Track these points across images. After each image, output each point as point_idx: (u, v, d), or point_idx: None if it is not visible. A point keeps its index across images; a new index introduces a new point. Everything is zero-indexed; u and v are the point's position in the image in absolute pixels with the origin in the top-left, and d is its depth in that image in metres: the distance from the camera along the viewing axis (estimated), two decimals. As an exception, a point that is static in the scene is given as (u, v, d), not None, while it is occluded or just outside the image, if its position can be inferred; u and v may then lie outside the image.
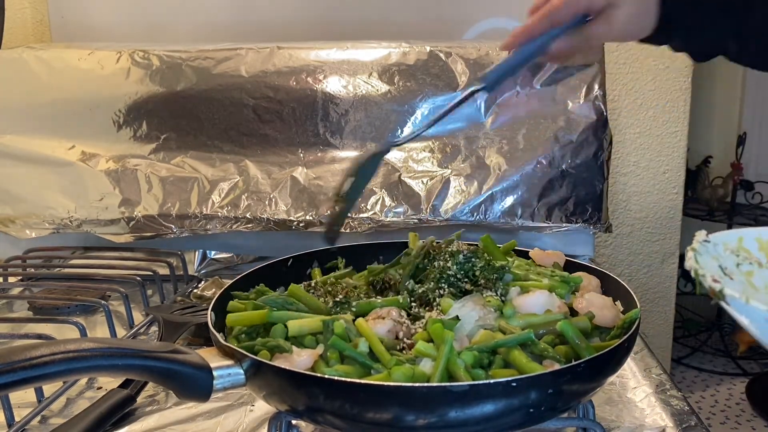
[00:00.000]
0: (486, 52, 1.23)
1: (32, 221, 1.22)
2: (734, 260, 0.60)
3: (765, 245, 0.61)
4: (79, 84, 1.28)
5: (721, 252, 0.59)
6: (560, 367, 0.61)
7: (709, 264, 0.57)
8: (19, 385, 0.51)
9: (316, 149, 1.23)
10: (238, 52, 1.26)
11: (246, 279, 0.82)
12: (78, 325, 0.89)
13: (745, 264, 0.60)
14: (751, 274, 0.60)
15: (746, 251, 0.61)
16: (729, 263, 0.59)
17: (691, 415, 0.76)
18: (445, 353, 0.61)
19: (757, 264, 0.60)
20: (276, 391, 0.62)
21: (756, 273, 0.60)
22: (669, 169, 1.51)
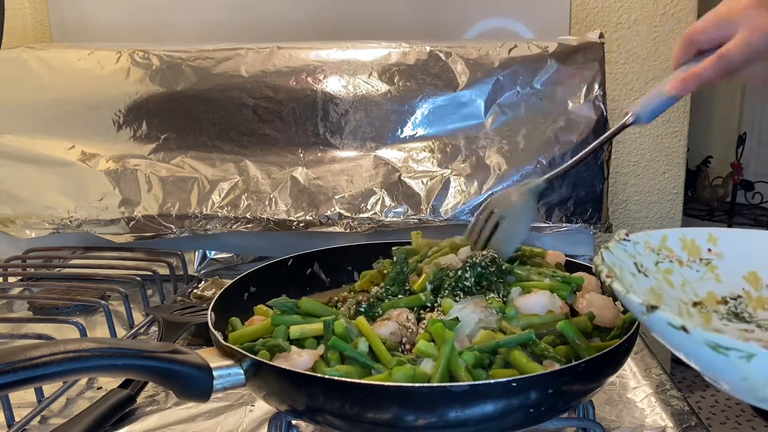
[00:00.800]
0: (486, 52, 1.23)
1: (32, 221, 1.22)
2: (654, 258, 0.63)
3: (688, 244, 0.64)
4: (79, 84, 1.28)
5: (641, 250, 0.62)
6: (560, 367, 0.61)
7: (623, 260, 0.60)
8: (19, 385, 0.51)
9: (316, 149, 1.23)
10: (238, 52, 1.26)
11: (246, 279, 0.82)
12: (78, 325, 0.89)
13: (665, 262, 0.63)
14: (670, 272, 0.63)
15: (668, 250, 0.64)
16: (647, 261, 0.62)
17: (691, 415, 0.76)
18: (446, 353, 0.61)
19: (677, 262, 0.63)
20: (276, 391, 0.62)
21: (675, 271, 0.63)
22: (669, 169, 1.51)
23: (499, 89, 1.21)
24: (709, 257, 0.64)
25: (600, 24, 1.44)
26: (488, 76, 1.21)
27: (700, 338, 0.46)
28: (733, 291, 0.64)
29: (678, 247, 0.64)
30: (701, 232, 0.65)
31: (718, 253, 0.64)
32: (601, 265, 0.58)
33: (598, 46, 1.23)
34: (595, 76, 1.21)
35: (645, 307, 0.49)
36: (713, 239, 0.64)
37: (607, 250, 0.61)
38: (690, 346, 0.48)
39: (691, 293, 0.64)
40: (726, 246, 0.64)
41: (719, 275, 0.64)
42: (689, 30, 0.78)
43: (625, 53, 1.47)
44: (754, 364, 0.45)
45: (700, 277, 0.64)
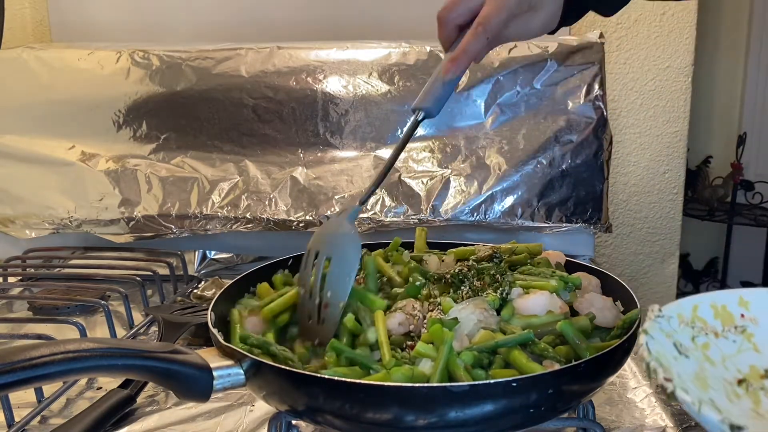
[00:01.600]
0: (486, 52, 1.23)
1: (32, 221, 1.22)
2: (690, 333, 0.58)
3: (720, 312, 0.59)
4: (79, 84, 1.28)
5: (675, 327, 0.57)
6: (560, 367, 0.61)
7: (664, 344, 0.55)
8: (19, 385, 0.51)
9: (316, 149, 1.23)
10: (238, 52, 1.26)
11: (246, 279, 0.82)
12: (78, 325, 0.89)
13: (701, 336, 0.58)
14: (707, 347, 0.58)
15: (702, 321, 0.59)
16: (684, 338, 0.57)
17: (691, 415, 0.76)
18: (444, 353, 0.61)
19: (713, 334, 0.58)
20: (276, 391, 0.62)
21: (712, 345, 0.58)
22: (669, 169, 1.51)
23: (499, 89, 1.21)
24: (744, 324, 0.59)
25: (600, 24, 1.44)
26: (488, 76, 1.21)
27: None
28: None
29: (710, 316, 0.60)
30: (731, 296, 0.61)
31: (752, 318, 0.60)
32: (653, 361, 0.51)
33: (598, 46, 1.23)
34: (594, 76, 1.21)
35: (728, 426, 0.44)
36: (744, 303, 0.60)
37: (647, 335, 0.55)
38: None
39: (733, 370, 0.59)
40: (758, 309, 0.60)
41: (756, 344, 0.59)
42: (439, 12, 0.79)
43: (625, 53, 1.47)
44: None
45: (737, 349, 0.59)
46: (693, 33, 1.45)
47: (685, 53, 1.46)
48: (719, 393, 0.54)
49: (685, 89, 1.48)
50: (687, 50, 1.46)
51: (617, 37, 1.45)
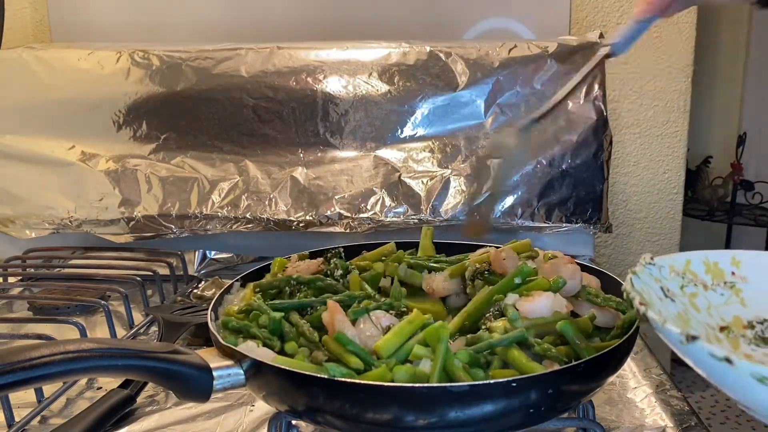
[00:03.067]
0: (486, 52, 1.23)
1: (32, 221, 1.22)
2: (679, 282, 0.62)
3: (711, 267, 0.64)
4: (79, 84, 1.28)
5: (666, 274, 0.62)
6: (560, 367, 0.61)
7: (651, 285, 0.60)
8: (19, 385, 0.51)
9: (316, 149, 1.23)
10: (238, 52, 1.26)
11: (246, 279, 0.82)
12: (78, 325, 0.89)
13: (689, 286, 0.63)
14: (695, 296, 0.62)
15: (693, 273, 0.64)
16: (673, 285, 0.61)
17: (691, 415, 0.76)
18: (441, 353, 0.61)
19: (702, 286, 0.63)
20: (276, 392, 0.62)
21: (700, 295, 0.63)
22: (669, 169, 1.51)
23: (499, 89, 1.21)
24: (733, 280, 0.64)
25: (600, 24, 1.44)
26: (488, 76, 1.21)
27: (745, 370, 0.46)
28: (759, 315, 0.64)
29: (702, 271, 0.64)
30: (724, 255, 0.65)
31: (742, 276, 0.64)
32: (633, 291, 0.57)
33: (598, 46, 1.23)
34: (595, 76, 1.21)
35: (684, 337, 0.48)
36: (736, 262, 0.64)
37: (635, 275, 0.60)
38: (733, 377, 0.47)
39: (717, 318, 0.63)
40: (749, 269, 0.64)
41: (744, 299, 0.64)
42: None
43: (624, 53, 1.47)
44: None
45: (724, 301, 0.64)
46: (693, 33, 1.45)
47: (685, 53, 1.46)
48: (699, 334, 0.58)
49: (685, 89, 1.48)
50: (687, 50, 1.46)
51: (617, 37, 1.45)
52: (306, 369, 0.62)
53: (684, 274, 0.63)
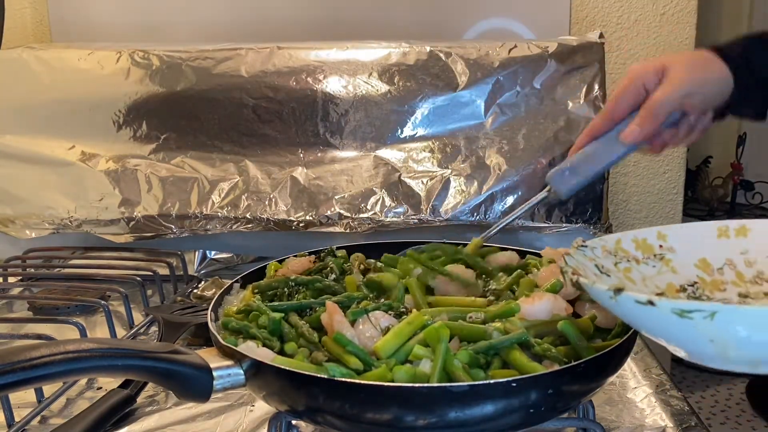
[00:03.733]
0: (486, 52, 1.23)
1: (32, 221, 1.22)
2: (612, 260, 0.68)
3: (641, 244, 0.69)
4: (79, 84, 1.28)
5: (599, 254, 0.67)
6: (560, 367, 0.61)
7: (585, 264, 0.65)
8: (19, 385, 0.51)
9: (316, 149, 1.23)
10: (238, 52, 1.26)
11: (245, 279, 0.82)
12: (78, 325, 0.89)
13: (623, 262, 0.68)
14: (629, 270, 0.68)
15: (624, 251, 0.69)
16: (607, 263, 0.67)
17: (691, 415, 0.76)
18: (441, 353, 0.61)
19: (634, 261, 0.68)
20: (276, 392, 0.62)
21: (633, 269, 0.68)
22: (669, 169, 1.51)
23: (499, 89, 1.21)
24: (662, 252, 0.69)
25: (600, 24, 1.44)
26: (488, 76, 1.21)
27: (666, 308, 0.49)
28: (689, 279, 0.69)
29: (632, 248, 0.68)
30: (650, 232, 0.70)
31: (670, 247, 0.69)
32: (566, 266, 0.62)
33: (598, 46, 1.23)
34: (594, 76, 1.21)
35: (612, 291, 0.52)
36: (662, 236, 0.69)
37: (568, 255, 0.65)
38: (658, 319, 0.51)
39: (652, 286, 0.68)
40: (675, 240, 0.69)
41: (674, 267, 0.69)
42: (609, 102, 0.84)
43: (625, 53, 1.47)
44: (717, 321, 0.47)
45: (657, 272, 0.69)
46: (693, 33, 1.45)
47: (685, 53, 1.46)
48: None
49: (685, 89, 1.48)
50: (687, 50, 1.46)
51: (617, 37, 1.45)
52: (306, 369, 0.62)
53: (616, 252, 0.68)
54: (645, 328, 0.55)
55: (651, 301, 0.50)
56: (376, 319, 0.68)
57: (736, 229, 0.67)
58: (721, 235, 0.67)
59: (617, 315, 0.56)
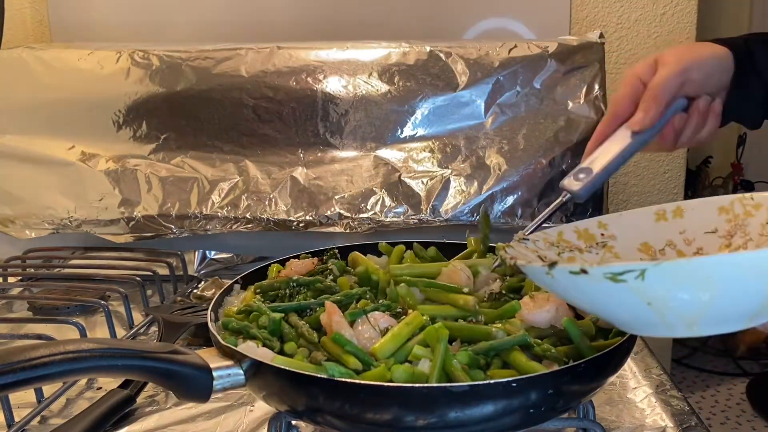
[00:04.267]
0: (486, 52, 1.23)
1: (32, 221, 1.22)
2: (556, 251, 0.68)
3: (583, 234, 0.70)
4: (79, 84, 1.28)
5: (542, 246, 0.68)
6: (560, 367, 0.61)
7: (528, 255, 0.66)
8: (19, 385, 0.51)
9: (316, 149, 1.23)
10: (238, 52, 1.26)
11: (245, 279, 0.82)
12: (78, 325, 0.89)
13: (566, 252, 0.68)
14: (573, 259, 0.68)
15: (566, 242, 0.69)
16: (550, 254, 0.67)
17: (691, 415, 0.76)
18: (440, 353, 0.61)
19: (578, 250, 0.69)
20: (276, 392, 0.62)
21: (577, 258, 0.69)
22: (669, 169, 1.51)
23: (499, 89, 1.21)
24: (604, 240, 0.69)
25: (600, 24, 1.44)
26: (488, 76, 1.21)
27: (598, 274, 0.49)
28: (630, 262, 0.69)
29: (574, 238, 0.69)
30: (591, 222, 0.71)
31: (611, 235, 0.69)
32: (506, 254, 0.63)
33: (598, 46, 1.23)
34: (595, 76, 1.21)
35: (547, 267, 0.52)
36: (603, 225, 0.70)
37: (509, 246, 0.66)
38: (593, 288, 0.51)
39: None
40: (615, 228, 0.69)
41: (617, 253, 0.69)
42: (611, 106, 0.84)
43: (625, 53, 1.47)
44: (649, 279, 0.48)
45: (600, 258, 0.69)
46: (693, 33, 1.45)
47: (685, 53, 1.46)
48: None
49: (685, 89, 1.48)
50: (686, 49, 1.46)
51: (617, 37, 1.45)
52: (305, 369, 0.61)
53: (558, 243, 0.68)
54: (585, 302, 0.55)
55: (584, 269, 0.50)
56: (374, 319, 0.68)
57: (672, 210, 0.67)
58: (659, 219, 0.68)
59: (557, 293, 0.57)
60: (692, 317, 0.51)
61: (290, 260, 0.84)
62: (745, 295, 0.49)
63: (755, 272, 0.48)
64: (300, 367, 0.62)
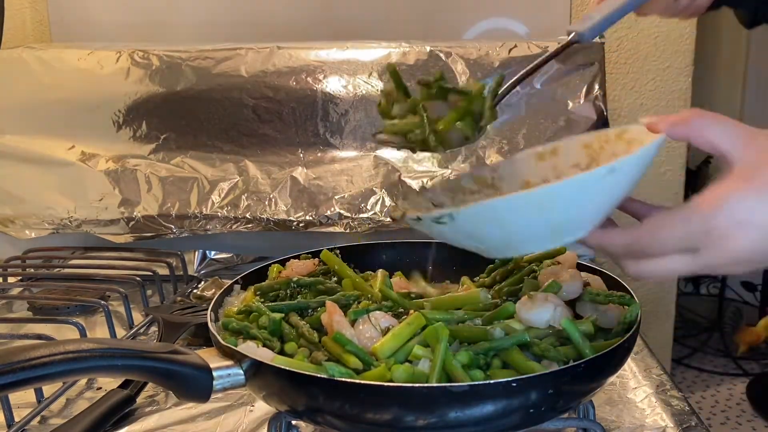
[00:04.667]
0: (486, 52, 1.23)
1: (32, 221, 1.22)
2: (450, 195, 0.73)
3: (478, 179, 0.74)
4: (79, 84, 1.28)
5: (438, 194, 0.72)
6: (560, 367, 0.61)
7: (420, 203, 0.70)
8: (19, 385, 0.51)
9: (316, 149, 1.23)
10: (238, 52, 1.26)
11: (245, 279, 0.82)
12: (78, 325, 0.89)
13: (459, 195, 0.73)
14: (465, 201, 0.72)
15: (462, 188, 0.74)
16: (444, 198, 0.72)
17: (691, 415, 0.76)
18: (440, 353, 0.61)
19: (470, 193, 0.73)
20: (276, 392, 0.62)
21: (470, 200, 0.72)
22: (669, 170, 1.51)
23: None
24: (494, 182, 0.74)
25: (600, 24, 1.44)
26: (488, 76, 1.21)
27: (428, 220, 0.56)
28: None
29: (470, 183, 0.74)
30: (487, 168, 0.78)
31: (500, 176, 0.74)
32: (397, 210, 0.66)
33: (598, 46, 1.23)
34: (595, 76, 1.21)
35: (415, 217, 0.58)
36: (494, 169, 0.75)
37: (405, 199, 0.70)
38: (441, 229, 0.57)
39: None
40: (504, 170, 0.74)
41: (502, 192, 0.73)
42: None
43: (625, 53, 1.47)
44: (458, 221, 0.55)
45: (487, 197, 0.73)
46: (693, 33, 1.45)
47: (685, 53, 1.46)
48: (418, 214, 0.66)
49: (685, 89, 1.48)
50: (687, 50, 1.46)
51: (617, 37, 1.45)
52: (305, 369, 0.62)
53: (455, 190, 0.73)
54: (445, 239, 0.59)
55: (419, 217, 0.57)
56: (376, 319, 0.68)
57: (549, 150, 0.72)
58: (539, 159, 0.72)
59: (431, 235, 0.60)
60: (504, 244, 0.59)
61: (290, 260, 0.84)
62: (529, 225, 0.56)
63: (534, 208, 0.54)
64: (300, 367, 0.62)
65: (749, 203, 0.51)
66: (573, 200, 0.55)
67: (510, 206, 0.55)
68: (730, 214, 0.51)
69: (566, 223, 0.57)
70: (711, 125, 0.55)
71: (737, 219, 0.51)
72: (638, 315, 0.67)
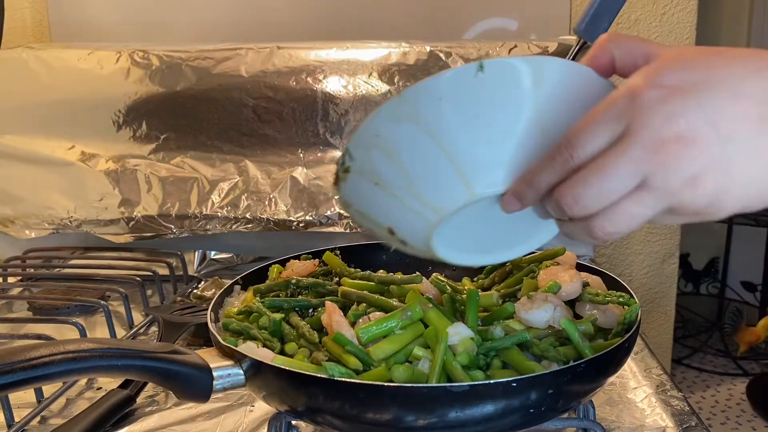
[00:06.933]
0: (486, 52, 1.23)
1: (32, 221, 1.22)
2: None
3: None
4: (79, 84, 1.28)
5: None
6: (560, 367, 0.61)
7: None
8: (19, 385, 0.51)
9: (316, 149, 1.23)
10: (238, 52, 1.26)
11: (245, 280, 0.82)
12: (78, 325, 0.89)
13: None
14: None
15: None
16: None
17: (691, 415, 0.76)
18: (440, 353, 0.61)
19: None
20: (276, 392, 0.62)
21: None
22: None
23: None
24: None
25: (600, 24, 1.44)
26: (488, 76, 1.21)
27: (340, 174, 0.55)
28: None
29: None
30: None
31: None
32: None
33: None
34: (595, 76, 1.20)
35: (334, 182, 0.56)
36: None
37: None
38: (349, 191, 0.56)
39: None
40: None
41: None
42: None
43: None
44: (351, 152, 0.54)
45: None
46: (693, 33, 1.45)
47: (685, 53, 1.46)
48: None
49: (685, 89, 1.48)
50: (687, 50, 1.46)
51: (617, 37, 1.45)
52: (306, 369, 0.61)
53: None
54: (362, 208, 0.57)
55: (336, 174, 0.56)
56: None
57: None
58: None
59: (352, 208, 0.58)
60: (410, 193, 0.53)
61: (291, 261, 0.84)
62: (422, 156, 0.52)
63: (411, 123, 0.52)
64: (300, 367, 0.62)
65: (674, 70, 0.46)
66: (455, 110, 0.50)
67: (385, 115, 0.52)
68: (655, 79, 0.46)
69: (464, 153, 0.50)
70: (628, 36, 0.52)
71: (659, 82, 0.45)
72: (638, 315, 0.67)
